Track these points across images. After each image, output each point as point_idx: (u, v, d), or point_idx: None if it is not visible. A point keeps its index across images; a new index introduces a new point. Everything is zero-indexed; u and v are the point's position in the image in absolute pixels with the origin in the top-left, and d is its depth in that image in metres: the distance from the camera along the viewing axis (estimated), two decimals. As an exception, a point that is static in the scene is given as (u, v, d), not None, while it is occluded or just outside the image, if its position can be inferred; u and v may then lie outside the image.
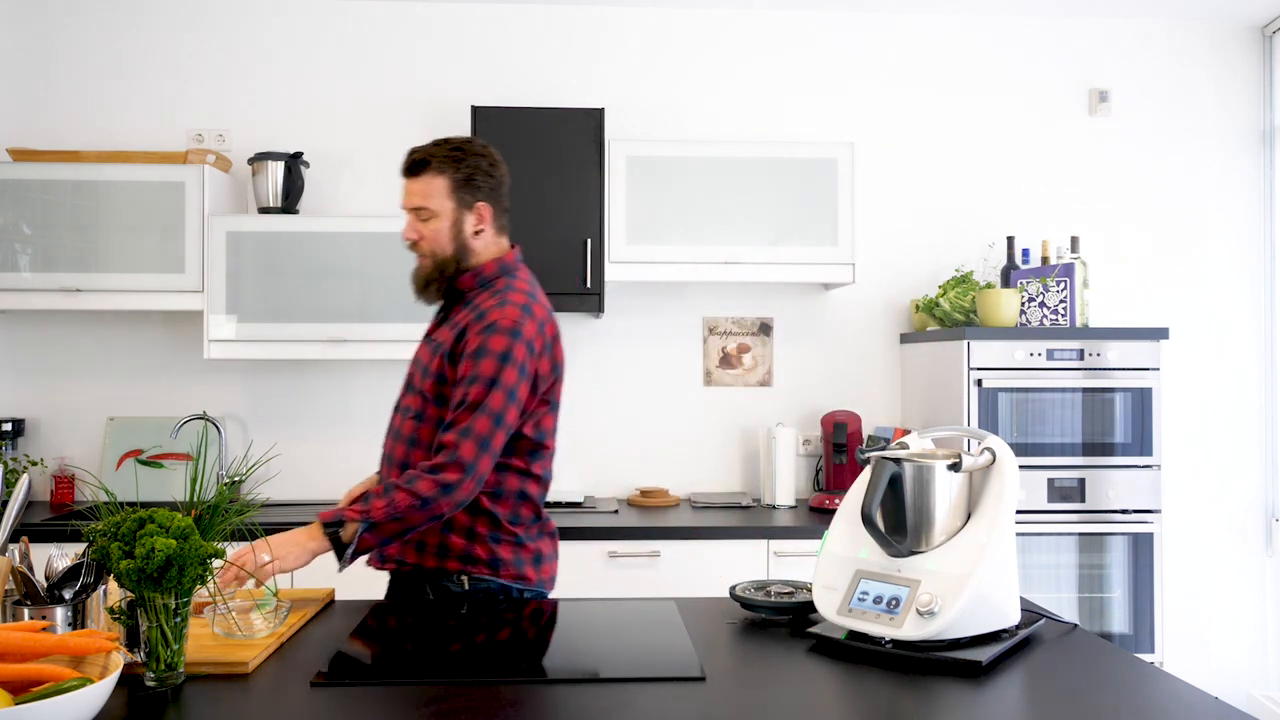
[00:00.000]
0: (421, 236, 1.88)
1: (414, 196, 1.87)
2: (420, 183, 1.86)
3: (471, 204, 1.87)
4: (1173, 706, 1.25)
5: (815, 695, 1.31)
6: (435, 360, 1.83)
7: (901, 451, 1.58)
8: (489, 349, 1.76)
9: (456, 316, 1.88)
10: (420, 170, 1.86)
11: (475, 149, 1.89)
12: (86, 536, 1.30)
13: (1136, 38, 3.53)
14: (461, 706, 1.24)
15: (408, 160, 1.88)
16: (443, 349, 1.82)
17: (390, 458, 1.89)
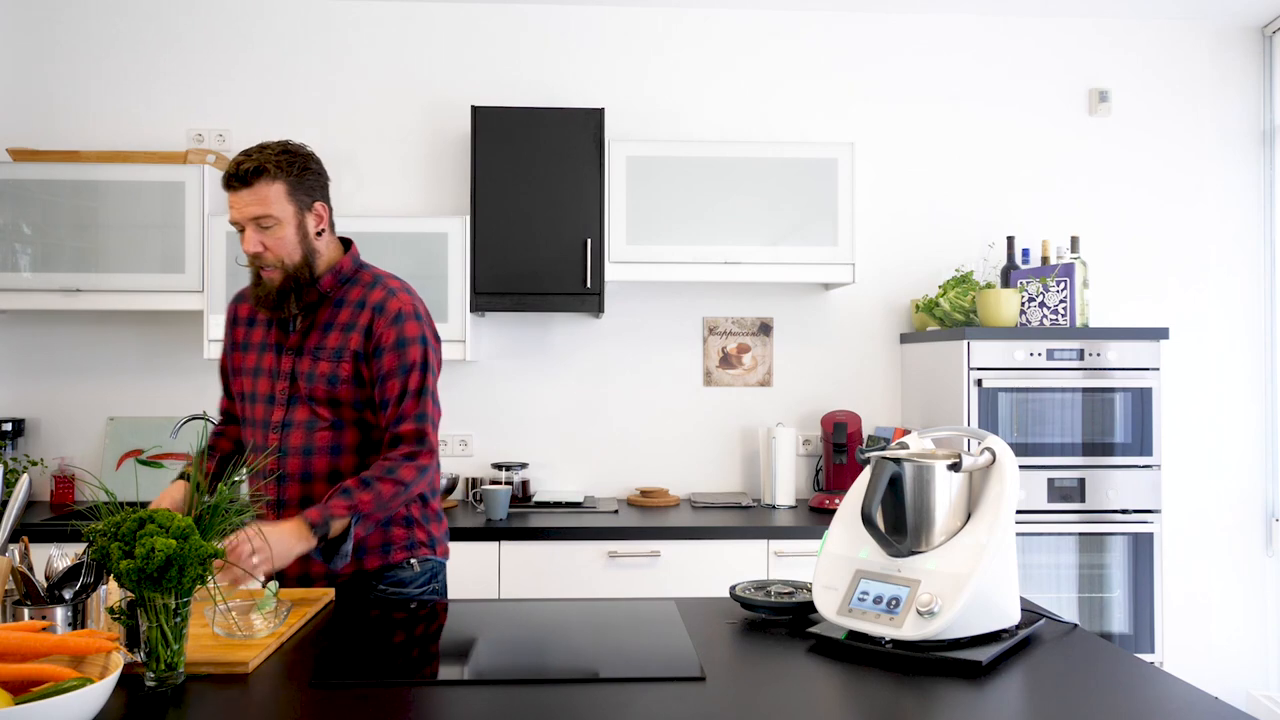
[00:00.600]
0: (266, 248, 1.80)
1: (251, 206, 1.77)
2: (255, 191, 1.77)
3: (310, 205, 1.85)
4: (1173, 706, 1.25)
5: (815, 695, 1.31)
6: (344, 366, 1.82)
7: (901, 451, 1.58)
8: (408, 337, 1.84)
9: (334, 318, 1.86)
10: (254, 179, 1.77)
11: (301, 149, 1.84)
12: (86, 536, 1.30)
13: (1136, 38, 3.53)
14: (460, 707, 1.24)
15: (235, 170, 1.77)
16: (346, 353, 1.83)
17: (309, 474, 1.83)
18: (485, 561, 2.77)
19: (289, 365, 1.86)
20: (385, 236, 3.05)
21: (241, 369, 1.93)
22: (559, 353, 3.42)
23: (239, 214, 1.79)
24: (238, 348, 1.95)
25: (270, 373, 1.88)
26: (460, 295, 3.04)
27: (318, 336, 1.86)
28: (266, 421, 1.87)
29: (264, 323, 1.92)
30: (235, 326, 1.97)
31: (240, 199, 1.78)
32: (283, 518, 1.77)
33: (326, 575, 1.86)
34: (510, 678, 1.36)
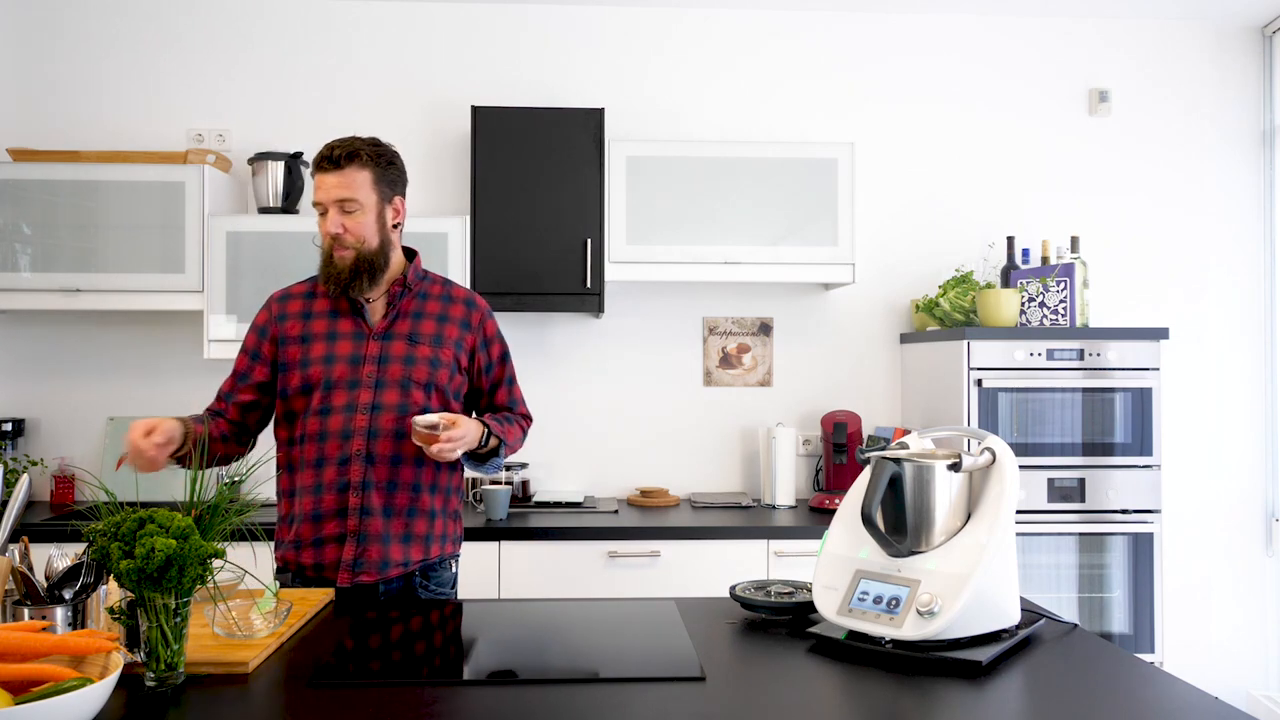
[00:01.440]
0: (346, 229, 1.88)
1: (339, 189, 1.87)
2: (345, 175, 1.88)
3: (391, 198, 1.95)
4: (1173, 706, 1.25)
5: (815, 695, 1.31)
6: (445, 351, 1.95)
7: (901, 451, 1.58)
8: (501, 331, 2.09)
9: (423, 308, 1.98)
10: (346, 163, 1.88)
11: (389, 146, 1.97)
12: (86, 536, 1.30)
13: (1136, 38, 3.53)
14: (460, 707, 1.24)
15: (330, 153, 1.88)
16: (447, 341, 1.96)
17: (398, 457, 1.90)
18: (485, 561, 2.77)
19: (376, 350, 1.91)
20: (385, 236, 3.04)
21: (309, 359, 1.91)
22: (559, 353, 3.42)
23: (326, 195, 1.88)
24: (293, 341, 1.93)
25: (350, 359, 1.90)
26: (460, 295, 3.04)
27: (409, 324, 1.95)
28: (351, 405, 1.88)
29: (326, 314, 1.95)
30: (285, 321, 1.95)
31: (329, 180, 1.88)
32: (368, 501, 1.86)
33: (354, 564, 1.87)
34: (510, 678, 1.36)
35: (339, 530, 1.87)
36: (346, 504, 1.87)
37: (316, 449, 1.88)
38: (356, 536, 1.87)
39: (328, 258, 1.91)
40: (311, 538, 1.88)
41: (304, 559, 1.89)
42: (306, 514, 1.89)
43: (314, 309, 1.96)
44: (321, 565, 1.88)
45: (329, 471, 1.87)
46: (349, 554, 1.86)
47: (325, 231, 1.90)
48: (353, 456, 1.87)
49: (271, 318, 1.97)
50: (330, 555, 1.87)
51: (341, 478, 1.87)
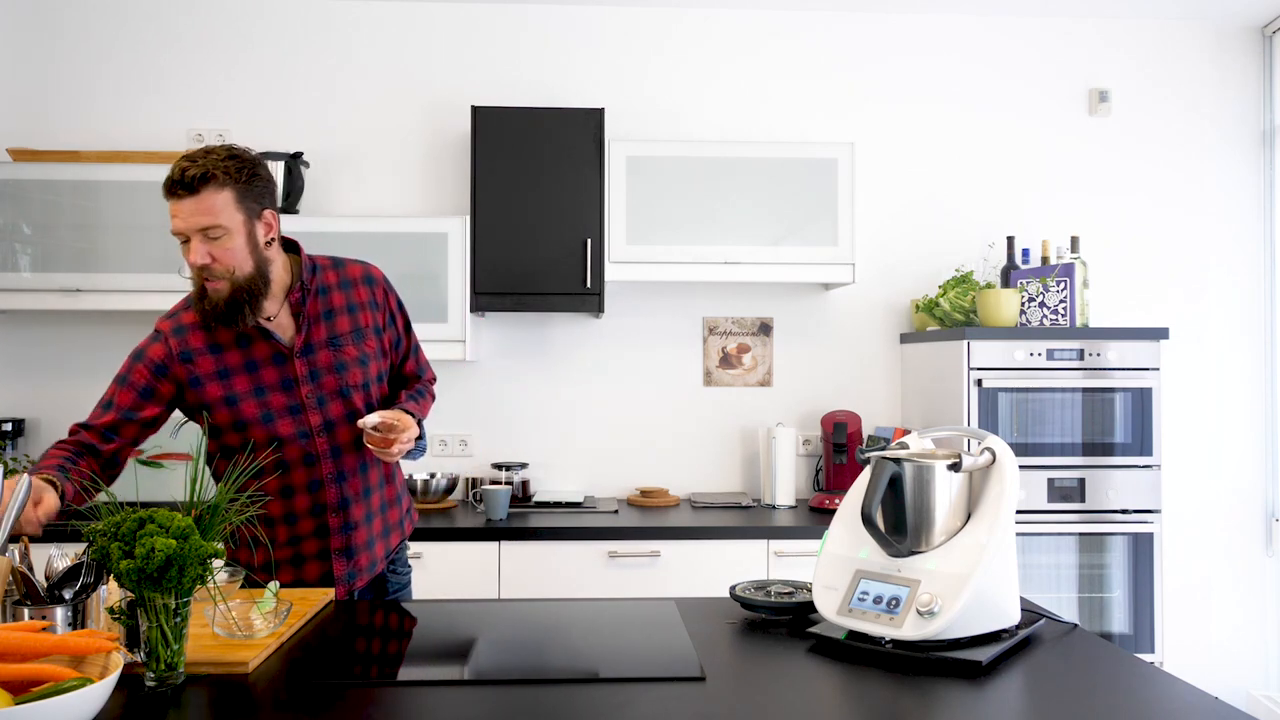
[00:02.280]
0: (214, 259, 1.69)
1: (198, 215, 1.66)
2: (202, 200, 1.66)
3: (259, 213, 1.75)
4: (1173, 706, 1.25)
5: (815, 695, 1.31)
6: (369, 343, 1.88)
7: (901, 451, 1.58)
8: (400, 299, 2.00)
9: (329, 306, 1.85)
10: (201, 186, 1.65)
11: (248, 153, 1.75)
12: (86, 536, 1.30)
13: (1136, 38, 3.53)
14: (461, 707, 1.24)
15: (180, 177, 1.65)
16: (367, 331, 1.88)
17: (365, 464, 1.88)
18: (485, 561, 2.77)
19: (304, 369, 1.81)
20: (385, 236, 3.05)
21: (236, 395, 1.78)
22: (559, 353, 3.42)
23: (184, 224, 1.67)
24: (210, 378, 1.78)
25: (281, 385, 1.80)
26: (460, 295, 3.04)
27: (324, 328, 1.84)
28: (304, 432, 1.81)
29: (234, 344, 1.80)
30: (192, 359, 1.79)
31: (185, 208, 1.66)
32: (349, 517, 1.85)
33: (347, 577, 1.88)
34: (510, 678, 1.36)
35: (320, 548, 1.86)
36: (327, 524, 1.85)
37: (279, 480, 1.81)
38: (345, 553, 1.86)
39: (200, 292, 1.74)
40: (289, 557, 1.86)
41: (281, 578, 1.85)
42: (280, 540, 1.85)
43: (219, 340, 1.80)
44: (304, 582, 1.86)
45: (301, 499, 1.84)
46: (340, 569, 1.86)
47: (191, 263, 1.70)
48: (325, 480, 1.84)
49: (172, 355, 1.78)
50: (313, 572, 1.86)
51: (317, 501, 1.84)
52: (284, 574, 1.87)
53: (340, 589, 1.86)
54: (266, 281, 1.77)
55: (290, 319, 1.83)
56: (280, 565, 1.86)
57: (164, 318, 1.84)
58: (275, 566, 1.86)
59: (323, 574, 1.87)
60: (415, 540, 2.77)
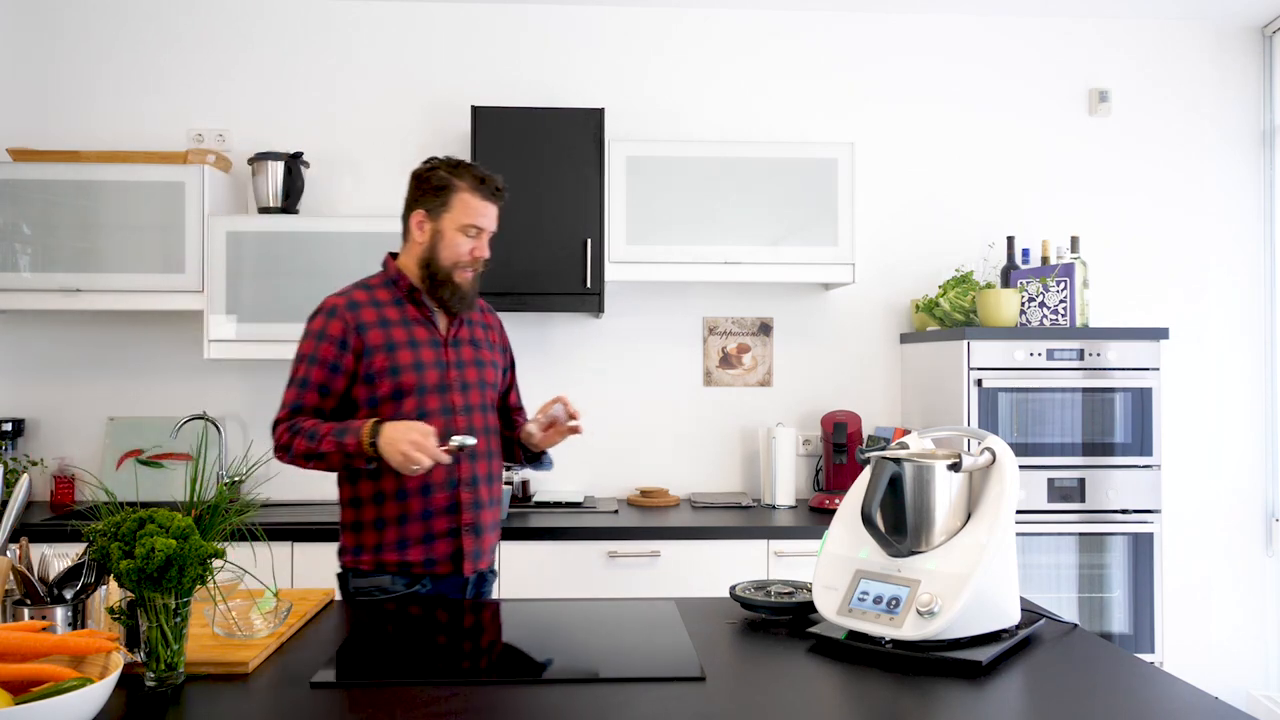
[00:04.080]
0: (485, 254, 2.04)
1: (495, 221, 2.06)
2: (497, 211, 2.07)
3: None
4: (1173, 706, 1.25)
5: (815, 695, 1.31)
6: (497, 355, 2.15)
7: (901, 451, 1.58)
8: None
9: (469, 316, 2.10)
10: (501, 198, 2.06)
11: None
12: (86, 536, 1.30)
13: (1136, 38, 3.53)
14: (461, 707, 1.24)
15: (497, 184, 2.04)
16: (496, 347, 2.16)
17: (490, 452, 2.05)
18: (485, 561, 2.77)
19: (453, 356, 2.02)
20: (385, 236, 3.04)
21: (399, 366, 1.95)
22: (559, 353, 3.42)
23: (489, 223, 2.03)
24: (378, 349, 1.95)
25: (436, 364, 1.99)
26: (460, 295, 3.04)
27: (469, 331, 2.09)
28: (448, 408, 1.98)
29: (400, 322, 1.99)
30: (365, 331, 1.96)
31: (493, 210, 2.04)
32: (478, 495, 1.99)
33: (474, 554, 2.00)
34: (510, 678, 1.36)
35: (451, 525, 1.96)
36: (459, 499, 1.96)
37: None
38: (473, 529, 1.98)
39: (448, 279, 2.00)
40: (422, 535, 1.94)
41: (411, 556, 1.94)
42: (415, 514, 1.94)
43: (387, 316, 2.00)
44: (433, 560, 1.95)
45: (439, 471, 1.92)
46: (469, 545, 1.97)
47: (477, 255, 2.01)
48: (462, 455, 1.95)
49: (349, 328, 1.95)
50: (442, 550, 1.95)
51: (452, 476, 1.95)
52: (414, 551, 1.94)
53: (468, 565, 1.96)
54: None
55: (444, 316, 2.06)
56: (411, 543, 1.94)
57: (334, 296, 2.02)
58: (404, 544, 1.94)
59: (452, 551, 1.96)
60: (415, 540, 2.77)
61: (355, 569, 1.98)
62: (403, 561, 1.94)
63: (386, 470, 1.89)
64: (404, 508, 1.94)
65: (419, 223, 2.03)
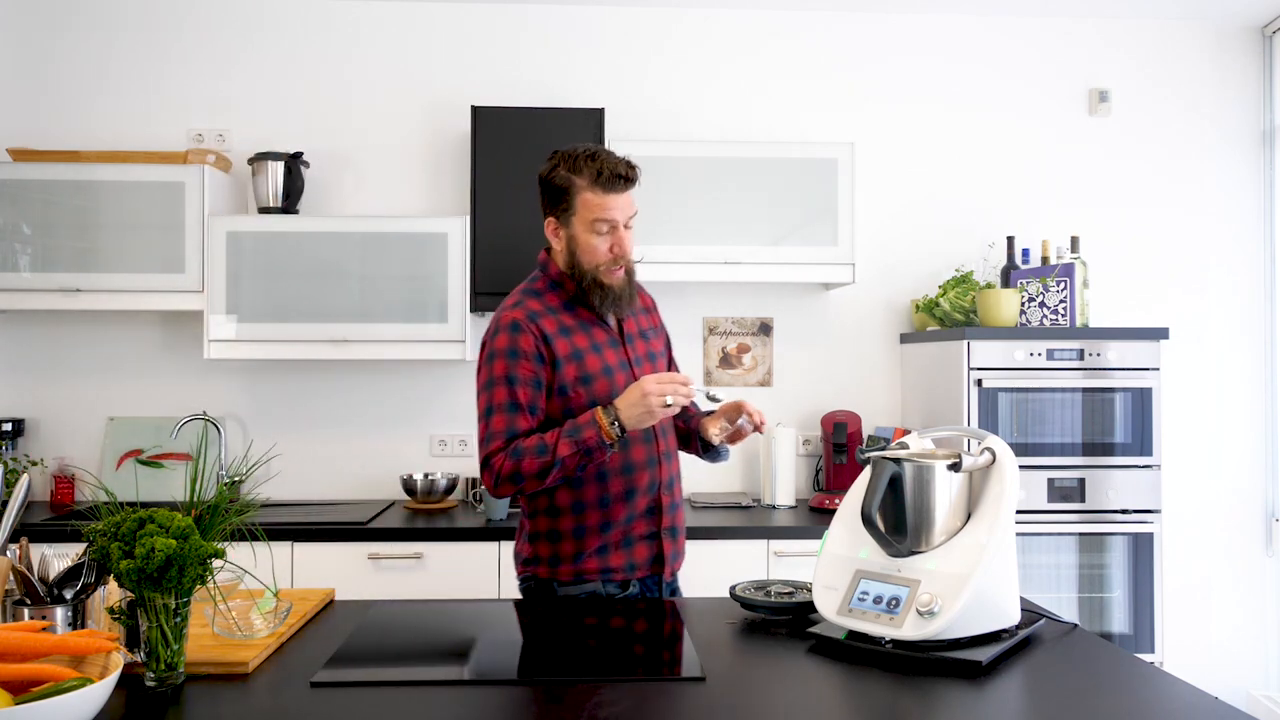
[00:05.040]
0: (625, 245, 1.93)
1: (629, 206, 1.94)
2: (631, 193, 1.94)
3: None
4: (1173, 706, 1.25)
5: (815, 695, 1.31)
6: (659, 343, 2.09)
7: (901, 451, 1.58)
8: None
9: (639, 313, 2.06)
10: (632, 183, 1.93)
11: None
12: (86, 536, 1.30)
13: (1136, 38, 3.53)
14: (461, 707, 1.24)
15: (624, 172, 1.89)
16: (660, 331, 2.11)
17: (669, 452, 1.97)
18: (485, 561, 2.77)
19: (631, 354, 1.97)
20: (385, 236, 3.05)
21: (591, 375, 1.87)
22: (559, 353, 3.42)
23: (623, 214, 1.90)
24: (566, 360, 1.86)
25: (621, 366, 1.94)
26: (460, 295, 3.04)
27: (634, 323, 2.03)
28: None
29: (578, 327, 1.92)
30: (551, 342, 1.87)
31: (623, 200, 1.90)
32: (676, 497, 1.94)
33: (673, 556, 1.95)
34: (510, 678, 1.36)
35: (650, 529, 1.91)
36: (659, 503, 1.91)
37: (622, 457, 1.87)
38: (671, 533, 1.94)
39: (595, 283, 1.90)
40: (622, 540, 1.89)
41: (613, 562, 1.88)
42: (618, 520, 1.87)
43: (565, 323, 1.91)
44: (634, 565, 1.89)
45: (643, 475, 1.89)
46: (668, 548, 1.93)
47: (617, 252, 1.91)
48: (660, 457, 1.92)
49: (539, 340, 1.86)
50: (643, 554, 1.90)
51: (654, 478, 1.91)
52: (616, 557, 1.88)
53: (668, 569, 1.93)
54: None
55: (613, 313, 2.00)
56: (611, 549, 1.88)
57: (510, 310, 1.90)
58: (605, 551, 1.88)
59: (651, 555, 1.91)
60: (415, 540, 2.77)
61: (554, 579, 1.88)
62: (604, 569, 1.87)
63: (592, 479, 1.85)
64: (606, 515, 1.86)
65: (553, 230, 1.94)
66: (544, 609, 1.77)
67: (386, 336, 3.03)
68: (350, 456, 3.35)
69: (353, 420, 3.36)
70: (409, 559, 2.76)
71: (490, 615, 1.73)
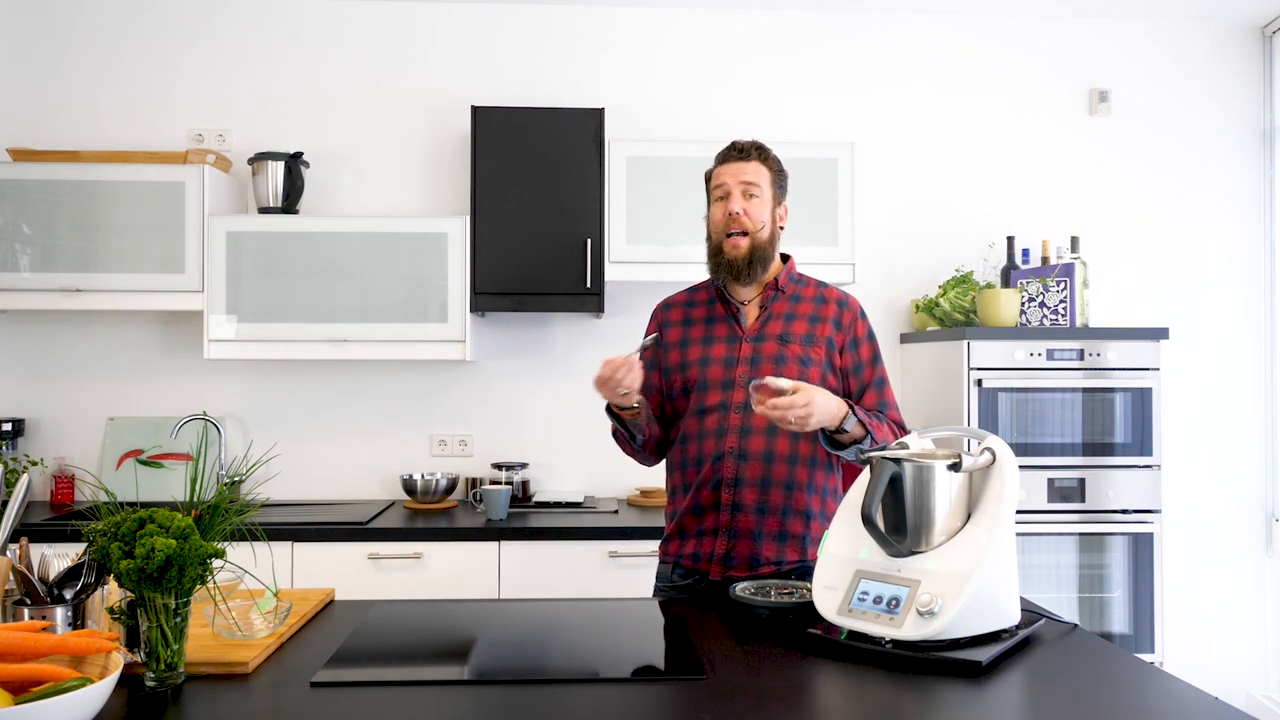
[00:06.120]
0: (746, 213, 1.96)
1: (745, 174, 1.97)
2: (749, 165, 1.98)
3: (781, 200, 2.04)
4: (1173, 706, 1.25)
5: (815, 695, 1.31)
6: (816, 350, 1.96)
7: (901, 451, 1.58)
8: (874, 331, 2.06)
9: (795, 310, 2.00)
10: (754, 155, 1.99)
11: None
12: (86, 536, 1.30)
13: (1136, 38, 3.53)
14: (461, 707, 1.24)
15: (735, 146, 2.00)
16: (819, 340, 1.97)
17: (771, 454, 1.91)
18: (485, 561, 2.77)
19: (749, 351, 1.97)
20: (385, 236, 3.05)
21: (688, 362, 1.99)
22: (559, 353, 3.42)
23: (733, 178, 1.97)
24: (674, 346, 2.03)
25: (724, 360, 1.97)
26: (460, 295, 3.04)
27: (781, 324, 1.99)
28: (725, 404, 1.95)
29: (703, 320, 2.03)
30: (667, 329, 2.06)
31: (735, 168, 1.98)
32: (739, 497, 1.91)
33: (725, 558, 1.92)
34: (510, 678, 1.36)
35: (715, 524, 1.94)
36: (719, 499, 1.93)
37: (696, 446, 1.95)
38: (728, 532, 1.93)
39: (717, 250, 2.00)
40: (695, 529, 1.96)
41: (685, 549, 1.97)
42: (688, 509, 1.97)
43: (693, 315, 2.06)
44: (698, 556, 1.94)
45: (706, 468, 1.94)
46: (720, 548, 1.93)
47: (726, 211, 1.96)
48: (725, 453, 1.93)
49: (659, 326, 2.08)
50: (707, 547, 1.94)
51: (716, 474, 1.93)
52: (687, 545, 1.96)
53: (716, 568, 1.92)
54: (770, 256, 2.00)
55: (757, 310, 2.02)
56: (686, 537, 1.97)
57: (660, 301, 2.15)
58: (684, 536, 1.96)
59: (710, 550, 1.93)
60: (415, 540, 2.77)
61: (662, 558, 2.03)
62: (680, 553, 1.97)
63: (678, 462, 1.99)
64: (682, 500, 1.98)
65: (706, 218, 2.07)
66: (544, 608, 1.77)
67: (386, 336, 3.03)
68: (350, 456, 3.35)
69: (353, 420, 3.36)
70: (409, 559, 2.76)
71: (491, 615, 1.73)
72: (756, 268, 1.98)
